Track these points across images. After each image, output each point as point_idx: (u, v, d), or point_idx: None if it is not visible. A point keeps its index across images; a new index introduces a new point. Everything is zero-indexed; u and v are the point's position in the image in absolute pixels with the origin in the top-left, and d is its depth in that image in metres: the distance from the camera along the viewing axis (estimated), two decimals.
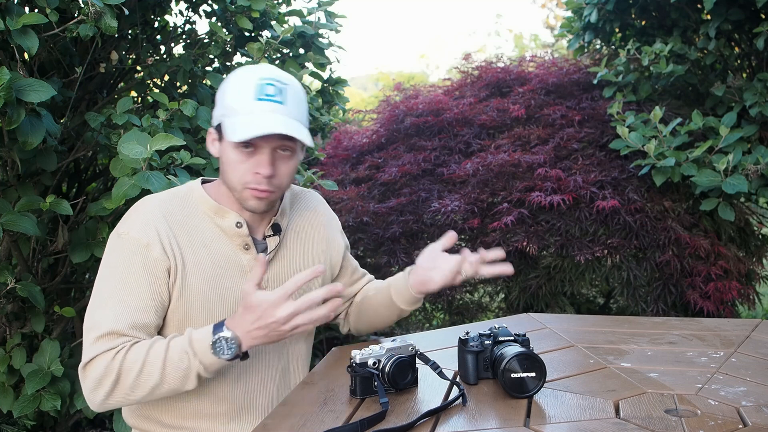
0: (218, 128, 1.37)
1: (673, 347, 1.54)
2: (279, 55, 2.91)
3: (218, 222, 1.39)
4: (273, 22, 2.76)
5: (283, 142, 1.32)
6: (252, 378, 1.42)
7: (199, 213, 1.39)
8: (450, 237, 1.49)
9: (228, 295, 1.38)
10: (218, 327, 1.24)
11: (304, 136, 1.31)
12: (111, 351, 1.24)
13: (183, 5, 2.79)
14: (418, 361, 1.31)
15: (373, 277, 1.72)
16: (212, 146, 1.41)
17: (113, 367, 1.22)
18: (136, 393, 1.24)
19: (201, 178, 1.48)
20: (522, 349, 1.24)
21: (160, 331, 1.36)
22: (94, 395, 1.25)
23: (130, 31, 2.60)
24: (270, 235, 1.44)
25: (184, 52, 2.71)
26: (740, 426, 1.09)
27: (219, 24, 2.68)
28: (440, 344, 1.58)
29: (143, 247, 1.30)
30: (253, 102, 1.30)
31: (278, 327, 1.21)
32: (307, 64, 2.94)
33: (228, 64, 2.86)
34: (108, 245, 1.35)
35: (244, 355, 1.27)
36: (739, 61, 3.79)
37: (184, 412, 1.39)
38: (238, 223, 1.39)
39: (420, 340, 1.60)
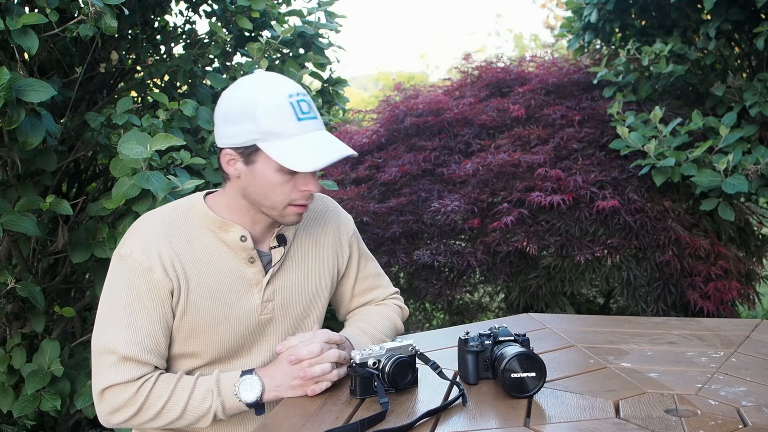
0: (244, 150, 1.31)
1: (673, 347, 1.54)
2: (279, 55, 2.91)
3: (222, 236, 1.37)
4: (273, 22, 2.76)
5: None
6: None
7: (201, 228, 1.37)
8: None
9: (233, 309, 1.37)
10: (247, 371, 1.31)
11: (352, 152, 1.34)
12: (135, 382, 1.26)
13: (183, 5, 2.79)
14: (418, 361, 1.31)
15: (384, 294, 1.64)
16: (230, 166, 1.34)
17: (137, 399, 1.25)
18: (153, 423, 1.27)
19: (204, 191, 1.45)
20: (522, 349, 1.24)
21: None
22: (111, 417, 1.27)
23: (130, 31, 2.60)
24: (275, 247, 1.42)
25: (184, 52, 2.71)
26: (740, 426, 1.09)
27: (219, 24, 2.68)
28: (440, 344, 1.58)
29: (145, 270, 1.29)
30: (296, 123, 1.29)
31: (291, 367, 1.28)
32: (307, 64, 2.94)
33: (228, 64, 2.86)
34: (111, 267, 1.34)
35: (261, 408, 1.30)
36: (739, 61, 3.79)
37: None
38: (242, 236, 1.37)
39: (420, 340, 1.60)
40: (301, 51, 2.93)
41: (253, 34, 2.82)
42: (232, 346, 1.37)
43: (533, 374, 1.21)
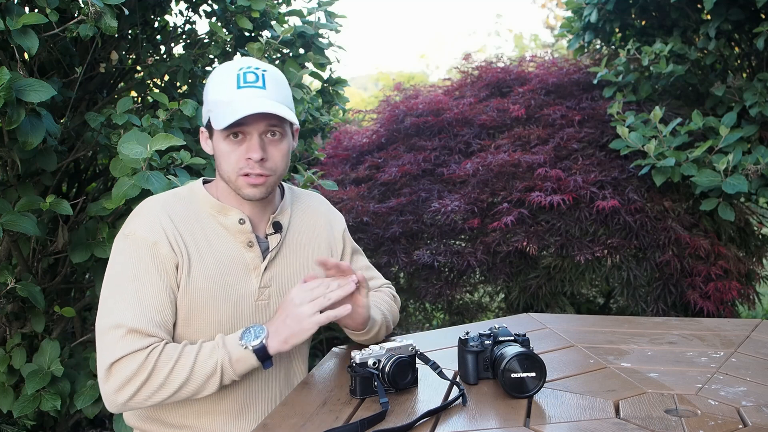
0: (207, 125, 1.40)
1: (673, 347, 1.54)
2: (279, 55, 2.91)
3: (221, 220, 1.40)
4: (273, 22, 2.76)
5: (269, 126, 1.35)
6: (255, 376, 1.43)
7: (202, 212, 1.41)
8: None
9: (231, 292, 1.39)
10: (251, 324, 1.32)
11: (286, 113, 1.33)
12: (143, 350, 1.25)
13: (183, 5, 2.79)
14: (418, 361, 1.31)
15: (377, 284, 1.67)
16: (206, 144, 1.44)
17: (146, 367, 1.24)
18: (162, 392, 1.25)
19: (202, 178, 1.49)
20: (522, 349, 1.24)
21: None
22: (118, 395, 1.25)
23: (130, 31, 2.60)
24: (271, 233, 1.45)
25: (184, 52, 2.71)
26: (740, 426, 1.09)
27: (219, 24, 2.68)
28: (440, 344, 1.58)
29: (151, 245, 1.31)
30: (234, 91, 1.33)
31: (297, 309, 1.26)
32: (307, 64, 2.94)
33: None
34: (114, 247, 1.35)
35: (267, 358, 1.29)
36: (739, 61, 3.79)
37: (187, 410, 1.40)
38: (240, 219, 1.40)
39: (420, 340, 1.60)
40: (301, 51, 2.93)
41: (253, 34, 2.82)
42: (229, 330, 1.38)
43: (533, 374, 1.21)
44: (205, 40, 2.69)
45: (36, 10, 1.84)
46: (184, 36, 2.81)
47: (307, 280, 1.33)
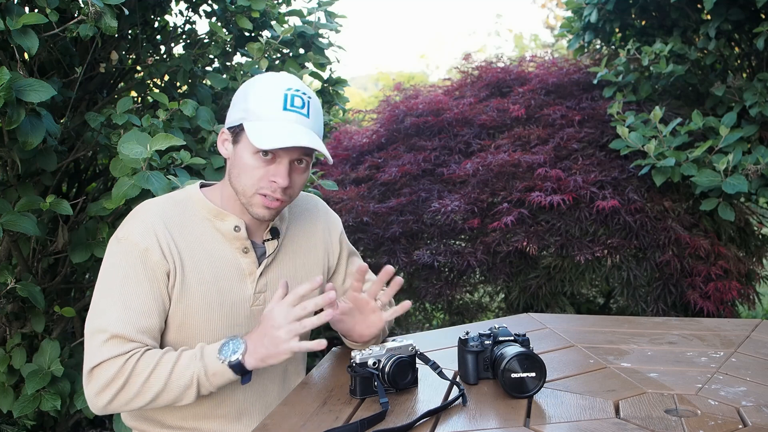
0: (234, 129, 1.36)
1: (673, 347, 1.54)
2: (279, 55, 2.91)
3: (217, 225, 1.40)
4: (273, 22, 2.76)
5: (301, 154, 1.34)
6: (253, 379, 1.42)
7: (197, 217, 1.40)
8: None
9: (227, 297, 1.38)
10: (231, 336, 1.29)
11: (325, 149, 1.33)
12: (122, 356, 1.25)
13: (183, 5, 2.79)
14: (418, 361, 1.31)
15: None
16: (223, 146, 1.41)
17: (123, 373, 1.24)
18: (139, 399, 1.25)
19: (200, 182, 1.49)
20: (522, 349, 1.24)
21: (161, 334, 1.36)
22: (98, 399, 1.25)
23: (130, 31, 2.60)
24: (268, 239, 1.44)
25: (184, 52, 2.71)
26: (740, 426, 1.09)
27: (219, 24, 2.68)
28: (440, 344, 1.58)
29: (143, 251, 1.31)
30: (280, 111, 1.31)
31: (275, 332, 1.23)
32: (307, 64, 2.94)
33: (228, 64, 2.86)
34: (108, 250, 1.35)
35: (245, 374, 1.27)
36: (739, 61, 3.79)
37: (185, 413, 1.40)
38: (236, 227, 1.39)
39: (420, 340, 1.60)
40: (301, 51, 2.93)
41: (253, 34, 2.82)
42: (224, 336, 1.37)
43: (533, 374, 1.21)
44: (205, 40, 2.69)
45: (36, 10, 1.84)
46: (184, 36, 2.81)
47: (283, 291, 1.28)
